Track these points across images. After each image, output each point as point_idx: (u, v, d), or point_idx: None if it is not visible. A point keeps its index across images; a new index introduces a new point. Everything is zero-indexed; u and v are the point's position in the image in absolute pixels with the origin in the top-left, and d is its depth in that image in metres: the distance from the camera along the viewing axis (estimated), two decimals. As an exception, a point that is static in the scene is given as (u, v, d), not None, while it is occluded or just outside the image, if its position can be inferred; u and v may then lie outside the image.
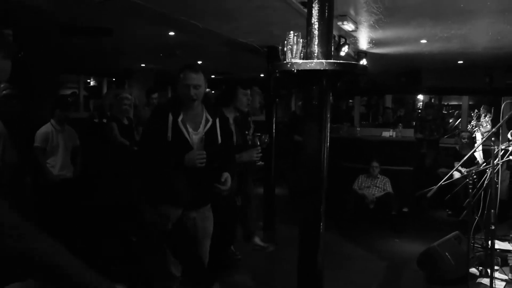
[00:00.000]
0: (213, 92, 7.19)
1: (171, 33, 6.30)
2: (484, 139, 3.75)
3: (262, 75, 9.69)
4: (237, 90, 3.69)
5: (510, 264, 4.38)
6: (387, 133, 7.75)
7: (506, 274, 4.27)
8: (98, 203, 4.86)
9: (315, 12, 2.11)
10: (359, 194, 6.45)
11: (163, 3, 4.49)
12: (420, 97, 12.43)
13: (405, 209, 6.85)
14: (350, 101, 12.57)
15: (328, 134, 2.17)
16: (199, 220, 2.95)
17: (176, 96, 3.04)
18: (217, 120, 2.99)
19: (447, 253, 4.11)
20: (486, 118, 9.06)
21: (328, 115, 2.17)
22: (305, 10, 2.19)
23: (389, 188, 6.50)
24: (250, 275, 4.36)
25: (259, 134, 4.24)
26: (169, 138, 2.77)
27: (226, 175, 2.96)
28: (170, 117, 2.79)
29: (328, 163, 2.17)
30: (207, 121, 2.94)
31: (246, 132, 3.94)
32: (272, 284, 4.21)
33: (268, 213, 5.82)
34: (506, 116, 3.55)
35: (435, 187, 3.50)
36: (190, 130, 2.85)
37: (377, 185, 6.56)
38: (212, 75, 11.97)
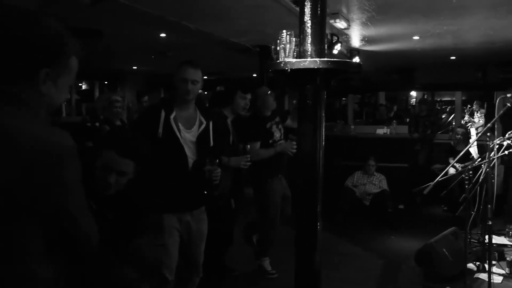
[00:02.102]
0: (205, 93, 7.17)
1: (163, 35, 6.26)
2: (480, 134, 3.75)
3: (254, 75, 9.67)
4: (236, 93, 3.70)
5: (507, 259, 4.38)
6: (381, 131, 7.74)
7: (503, 269, 4.28)
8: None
9: (307, 10, 2.09)
10: (355, 192, 6.45)
11: (154, 5, 4.46)
12: (413, 93, 12.46)
13: (401, 206, 6.85)
14: (344, 99, 12.58)
15: (323, 133, 2.15)
16: (194, 223, 2.92)
17: (169, 96, 3.02)
18: (211, 123, 2.98)
19: (444, 249, 4.10)
20: (478, 113, 9.09)
21: (323, 114, 2.15)
22: (297, 8, 2.17)
23: (384, 186, 6.50)
24: (247, 276, 4.34)
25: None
26: (159, 134, 2.75)
27: None
28: (163, 114, 2.77)
29: (323, 162, 2.15)
30: (201, 123, 2.92)
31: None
32: (270, 285, 4.19)
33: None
34: (501, 111, 3.55)
35: (432, 183, 3.49)
36: (181, 128, 2.82)
37: (373, 182, 6.56)
38: (205, 76, 11.94)
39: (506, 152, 3.98)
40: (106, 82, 12.24)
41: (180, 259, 2.89)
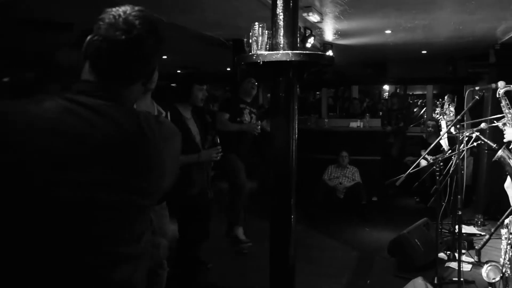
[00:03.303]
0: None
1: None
2: (450, 127, 3.81)
3: (228, 68, 9.62)
4: (192, 86, 3.66)
5: (476, 247, 4.50)
6: (354, 124, 7.81)
7: (472, 257, 4.39)
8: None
9: (279, 2, 2.08)
10: (329, 185, 6.50)
11: (125, -3, 4.36)
12: (386, 87, 12.61)
13: (374, 198, 6.95)
14: (317, 93, 12.63)
15: (296, 126, 2.14)
16: (156, 219, 2.87)
17: None
18: (168, 113, 2.97)
19: (416, 240, 4.18)
20: (450, 107, 9.25)
21: (296, 107, 2.14)
22: (270, 1, 2.15)
23: (358, 178, 6.58)
24: (221, 270, 4.32)
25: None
26: None
27: None
28: None
29: (297, 155, 2.15)
30: (160, 113, 2.89)
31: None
32: (244, 279, 4.18)
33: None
34: (470, 104, 3.62)
35: (403, 176, 3.53)
36: None
37: (347, 175, 6.62)
38: (178, 69, 11.81)
39: (475, 144, 4.08)
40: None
41: None
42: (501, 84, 3.63)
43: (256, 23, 2.11)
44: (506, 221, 3.20)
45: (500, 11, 4.87)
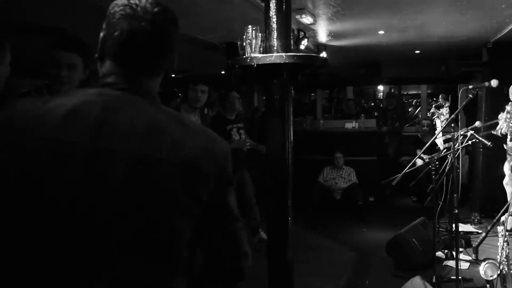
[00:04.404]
0: (175, 90, 7.13)
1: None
2: (444, 126, 3.83)
3: (222, 72, 9.62)
4: (188, 87, 3.68)
5: (473, 245, 4.52)
6: (349, 125, 7.84)
7: (469, 255, 4.41)
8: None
9: (272, 5, 2.08)
10: (325, 186, 6.51)
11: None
12: (381, 87, 12.65)
13: (371, 198, 6.96)
14: (312, 94, 12.66)
15: (291, 128, 2.15)
16: None
17: None
18: None
19: (414, 239, 4.19)
20: (445, 107, 9.29)
21: (291, 109, 2.15)
22: (263, 4, 2.16)
23: (354, 179, 6.59)
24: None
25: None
26: None
27: None
28: None
29: (292, 157, 2.15)
30: None
31: None
32: (242, 282, 4.18)
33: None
34: (464, 102, 3.64)
35: (399, 175, 3.55)
36: None
37: (343, 176, 6.63)
38: (172, 74, 11.82)
39: (470, 142, 4.09)
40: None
41: None
42: (494, 82, 3.66)
43: (250, 26, 2.12)
44: (502, 218, 3.21)
45: (492, 10, 4.90)
